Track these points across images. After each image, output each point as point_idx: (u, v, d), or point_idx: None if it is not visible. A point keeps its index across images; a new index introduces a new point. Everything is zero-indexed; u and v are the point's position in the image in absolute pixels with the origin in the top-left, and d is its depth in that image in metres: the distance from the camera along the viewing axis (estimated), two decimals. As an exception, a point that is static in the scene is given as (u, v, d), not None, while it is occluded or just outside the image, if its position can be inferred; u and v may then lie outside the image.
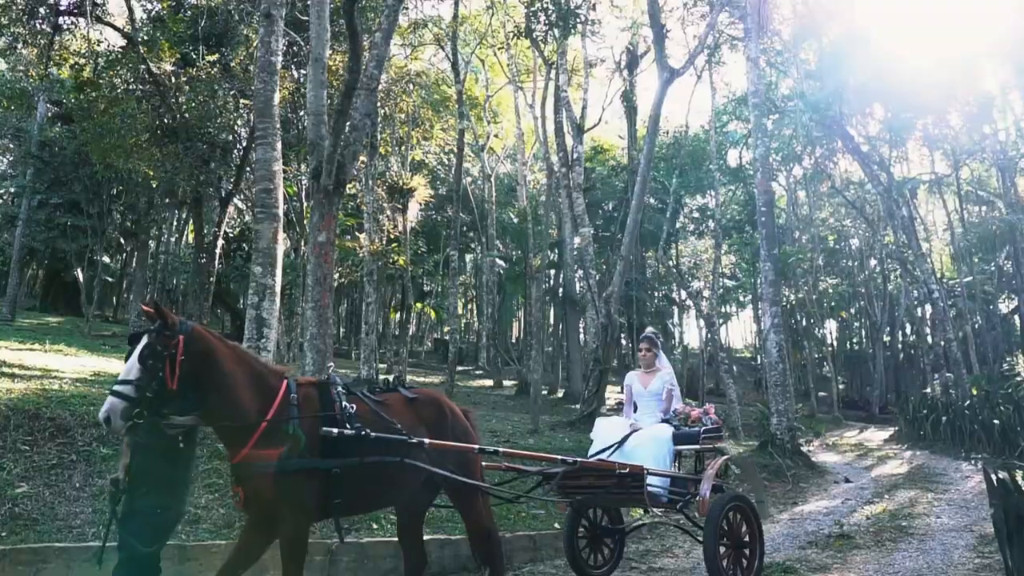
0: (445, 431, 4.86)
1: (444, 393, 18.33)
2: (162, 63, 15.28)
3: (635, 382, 6.87)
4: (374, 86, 10.94)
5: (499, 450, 5.28)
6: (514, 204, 37.19)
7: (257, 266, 13.27)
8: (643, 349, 6.99)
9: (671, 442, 6.17)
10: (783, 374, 15.63)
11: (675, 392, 6.70)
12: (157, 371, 3.83)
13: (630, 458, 5.95)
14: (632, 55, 30.54)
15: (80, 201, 26.11)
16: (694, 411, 6.51)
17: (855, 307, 47.18)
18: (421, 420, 4.78)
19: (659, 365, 6.85)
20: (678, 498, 6.01)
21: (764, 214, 16.39)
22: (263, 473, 4.00)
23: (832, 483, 13.86)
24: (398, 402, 4.82)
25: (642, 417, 6.63)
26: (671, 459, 6.15)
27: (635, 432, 6.27)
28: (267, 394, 4.16)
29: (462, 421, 5.19)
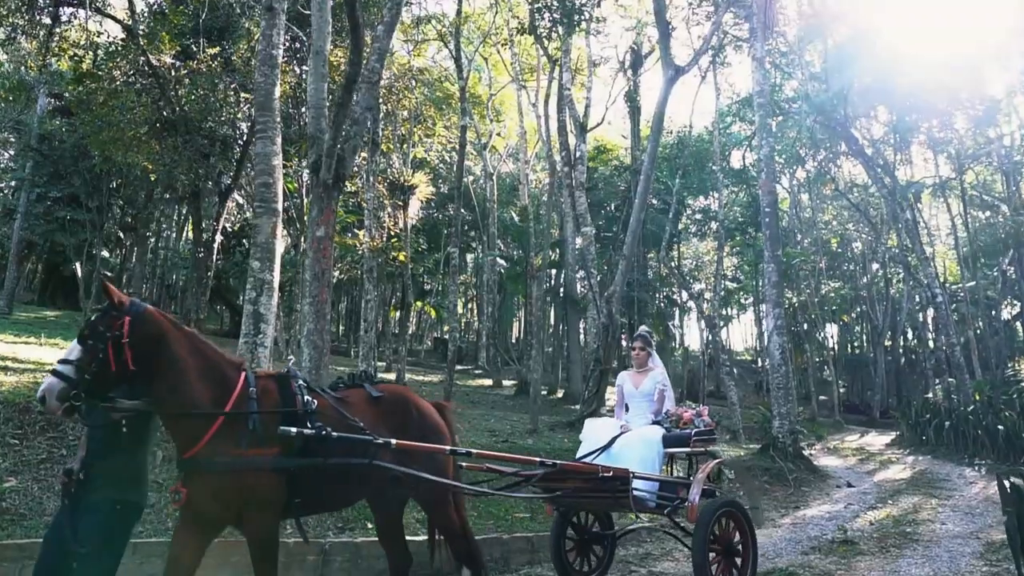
0: (410, 431, 4.57)
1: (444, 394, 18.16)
2: (162, 55, 15.14)
3: (627, 382, 6.70)
4: (375, 80, 10.81)
5: (471, 451, 4.97)
6: (516, 203, 37.03)
7: (255, 261, 13.11)
8: (636, 348, 6.81)
9: (661, 444, 5.95)
10: (786, 376, 15.48)
11: (668, 393, 6.53)
12: (98, 352, 3.61)
13: (617, 460, 5.74)
14: (636, 54, 30.40)
15: (79, 195, 25.96)
16: (686, 413, 6.28)
17: (857, 311, 47.00)
18: (384, 419, 4.50)
19: (652, 365, 6.67)
20: (666, 503, 5.74)
21: (768, 215, 16.23)
22: (220, 471, 3.77)
23: (834, 487, 13.72)
24: (361, 399, 4.54)
25: (633, 418, 6.44)
26: (660, 462, 5.95)
27: (624, 434, 6.06)
28: (223, 386, 3.92)
29: (432, 420, 4.90)
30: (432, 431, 4.78)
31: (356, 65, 10.01)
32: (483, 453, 5.29)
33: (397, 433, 4.39)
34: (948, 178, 32.00)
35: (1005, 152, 30.77)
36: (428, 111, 24.84)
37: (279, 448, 3.90)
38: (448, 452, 4.64)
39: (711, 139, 31.68)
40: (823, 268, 39.75)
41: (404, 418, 4.65)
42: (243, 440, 3.83)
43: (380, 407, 4.55)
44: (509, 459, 5.68)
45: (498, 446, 12.09)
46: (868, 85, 26.40)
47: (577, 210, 19.52)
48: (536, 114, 31.09)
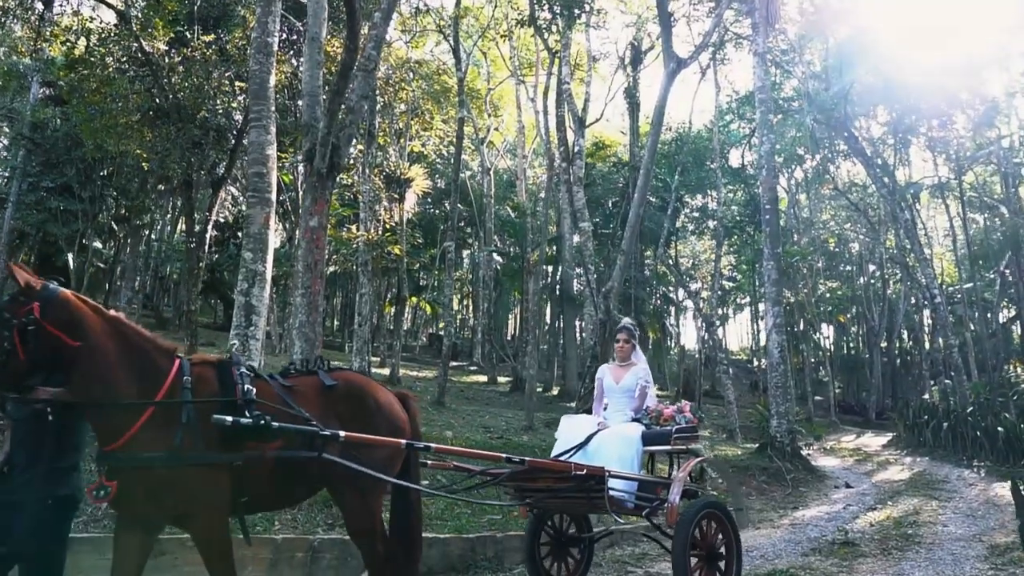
0: (366, 422, 4.16)
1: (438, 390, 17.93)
2: (156, 42, 14.88)
3: (607, 376, 6.33)
4: (371, 68, 10.59)
5: (430, 445, 4.48)
6: (513, 199, 36.83)
7: (248, 252, 12.89)
8: (620, 340, 6.38)
9: (640, 442, 5.60)
10: (784, 375, 15.33)
11: (649, 389, 6.16)
12: (2, 341, 3.32)
13: (594, 459, 5.40)
14: (636, 50, 30.20)
15: (72, 185, 25.65)
16: (667, 409, 5.89)
17: (853, 311, 46.92)
18: (336, 410, 4.12)
19: (635, 359, 6.30)
20: (645, 504, 5.41)
21: (768, 212, 16.08)
22: (150, 467, 3.46)
23: (832, 488, 13.58)
24: (311, 388, 4.16)
25: (612, 415, 6.07)
26: (640, 461, 5.60)
27: (601, 431, 5.72)
28: (152, 375, 3.59)
29: (390, 411, 4.44)
30: (390, 423, 4.36)
31: (352, 52, 9.79)
32: (444, 448, 4.84)
33: (350, 424, 4.03)
34: (947, 179, 31.86)
35: (1004, 154, 30.63)
36: (426, 104, 24.60)
37: (215, 441, 3.57)
38: (404, 446, 4.19)
39: (710, 137, 31.52)
40: (820, 268, 39.63)
41: (359, 408, 4.26)
42: (174, 433, 3.49)
43: (333, 396, 4.18)
44: (473, 455, 5.30)
45: (493, 443, 11.92)
46: (868, 85, 26.30)
47: (575, 206, 19.32)
48: (534, 109, 30.90)
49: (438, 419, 14.33)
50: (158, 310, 34.14)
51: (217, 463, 3.61)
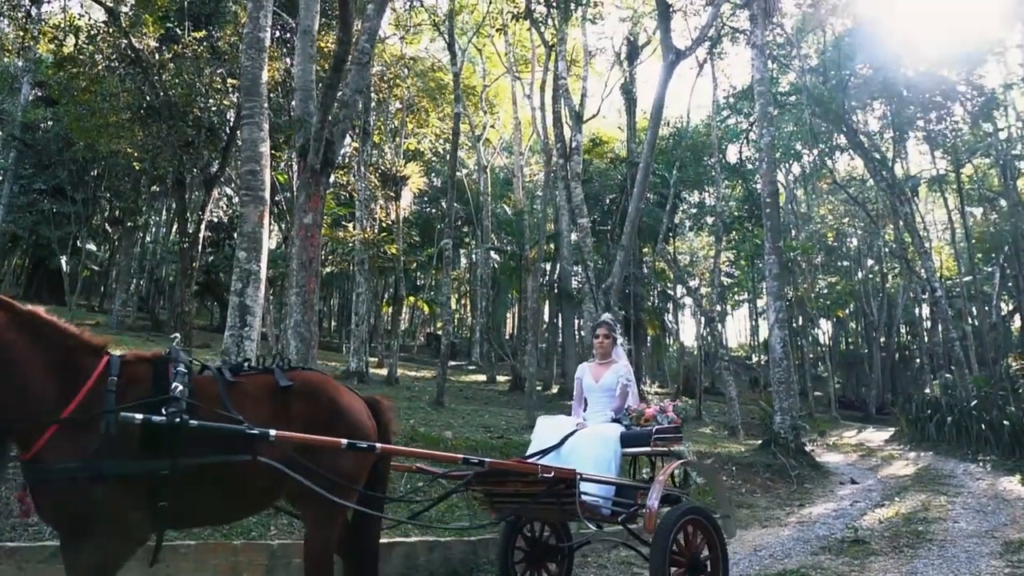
0: (323, 427, 3.71)
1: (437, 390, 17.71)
2: (146, 39, 14.65)
3: (586, 375, 5.98)
4: (365, 61, 10.39)
5: (376, 445, 3.90)
6: (510, 196, 36.64)
7: (242, 251, 12.66)
8: (599, 336, 6.00)
9: (618, 443, 5.25)
10: (787, 371, 15.15)
11: (631, 388, 5.80)
12: None
13: (568, 461, 5.05)
14: (632, 46, 30.02)
15: (65, 187, 25.45)
16: (648, 409, 5.53)
17: (851, 307, 46.81)
18: (290, 413, 3.70)
19: (615, 356, 5.96)
20: (622, 510, 5.02)
21: (769, 205, 15.88)
22: (54, 479, 3.08)
23: (838, 484, 13.39)
24: (263, 388, 3.75)
25: (592, 416, 5.75)
26: (618, 463, 5.23)
27: (577, 432, 5.38)
28: (72, 375, 3.22)
29: (356, 417, 3.97)
30: (353, 429, 3.86)
31: (345, 44, 9.59)
32: (392, 448, 4.19)
33: (307, 429, 3.62)
34: (946, 171, 31.71)
35: (1002, 147, 30.52)
36: (421, 101, 24.40)
37: (136, 448, 3.17)
38: (344, 445, 3.64)
39: (708, 132, 31.37)
40: (819, 263, 39.50)
41: (317, 411, 3.80)
42: (89, 441, 3.08)
43: (288, 397, 3.74)
44: (426, 455, 4.79)
45: (493, 442, 11.72)
46: (866, 78, 26.17)
47: (573, 202, 19.12)
48: (531, 105, 30.74)
49: (437, 419, 14.12)
50: (154, 313, 33.85)
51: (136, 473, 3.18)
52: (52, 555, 5.34)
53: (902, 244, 28.66)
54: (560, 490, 4.65)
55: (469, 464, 4.42)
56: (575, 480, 4.65)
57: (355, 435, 3.81)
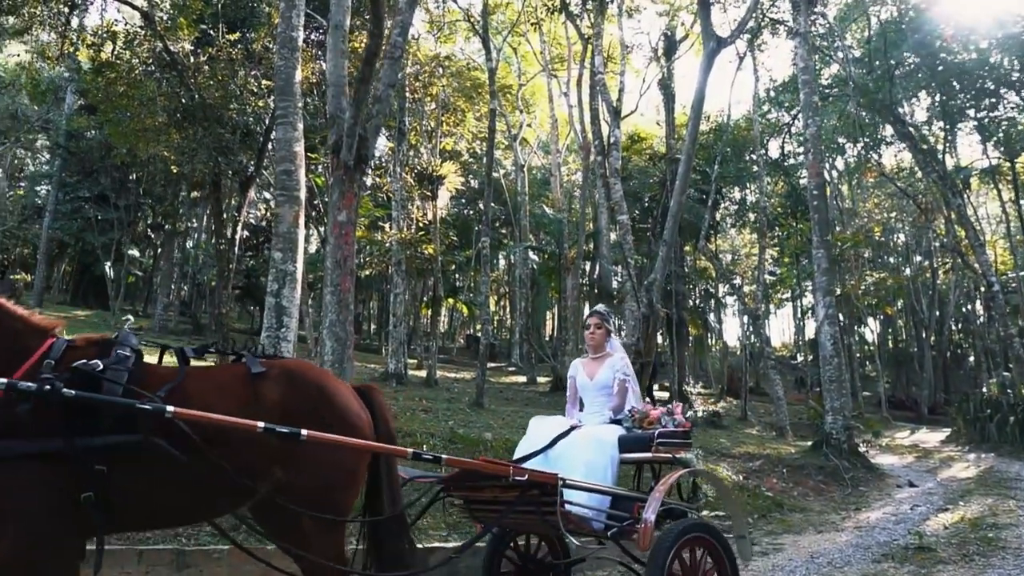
0: (309, 420, 3.20)
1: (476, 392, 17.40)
2: (180, 42, 14.70)
3: (579, 372, 5.39)
4: (398, 55, 10.16)
5: (301, 431, 3.10)
6: (548, 196, 36.32)
7: (277, 251, 12.56)
8: (591, 327, 5.42)
9: (615, 448, 4.64)
10: (838, 369, 14.56)
11: (631, 384, 5.18)
12: None
13: (555, 465, 4.43)
14: (670, 40, 29.45)
15: (108, 194, 25.84)
16: (653, 410, 4.91)
17: (899, 304, 45.52)
18: (261, 401, 3.24)
19: (610, 349, 5.37)
20: (615, 523, 4.34)
21: (816, 198, 15.33)
22: None
23: (895, 487, 12.81)
24: (228, 375, 3.38)
25: (588, 417, 5.17)
26: (614, 471, 4.58)
27: (570, 433, 4.75)
28: (16, 358, 2.98)
29: (344, 405, 3.47)
30: (342, 419, 3.39)
31: (377, 38, 9.36)
32: (319, 435, 3.17)
33: (286, 419, 3.15)
34: (999, 161, 30.54)
35: (1060, 135, 29.30)
36: (457, 101, 24.21)
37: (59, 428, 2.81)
38: (262, 428, 3.02)
39: (749, 127, 30.70)
40: (867, 258, 38.45)
41: (296, 400, 3.32)
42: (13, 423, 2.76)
43: (259, 386, 3.29)
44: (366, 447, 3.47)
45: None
46: (914, 65, 25.32)
47: (612, 199, 18.73)
48: (568, 104, 30.39)
49: (477, 420, 13.84)
50: (195, 316, 34.24)
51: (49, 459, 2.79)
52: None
53: (955, 238, 27.66)
54: (538, 497, 4.04)
55: (420, 458, 3.72)
56: (556, 486, 3.99)
57: (347, 427, 3.36)
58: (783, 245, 36.56)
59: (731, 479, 11.52)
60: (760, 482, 11.98)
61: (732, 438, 17.48)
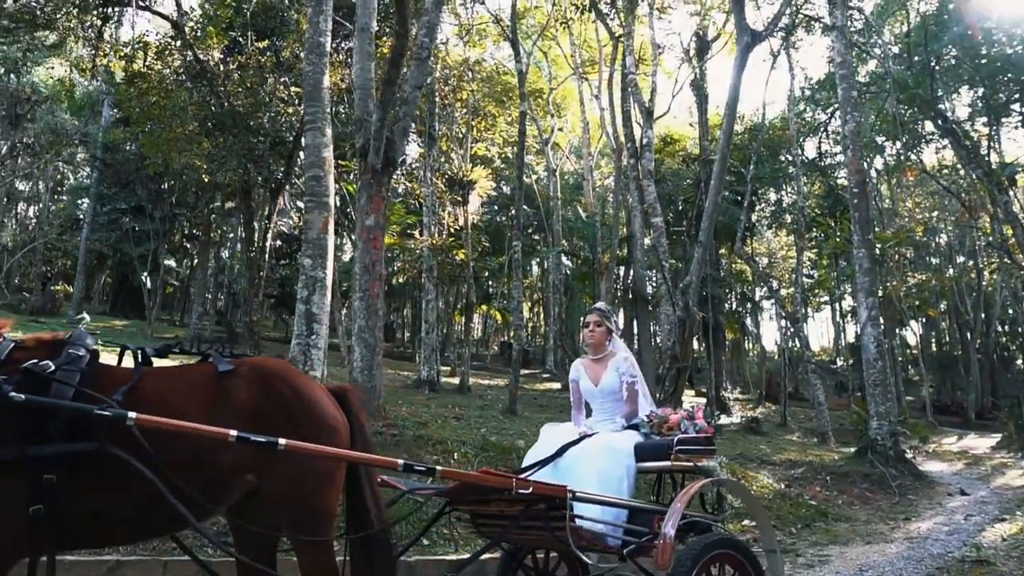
0: (279, 423, 2.94)
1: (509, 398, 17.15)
2: (210, 51, 14.76)
3: (582, 376, 4.95)
4: (424, 56, 10.02)
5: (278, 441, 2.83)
6: (581, 200, 36.07)
7: (307, 258, 12.47)
8: (590, 324, 4.98)
9: (631, 456, 4.27)
10: (883, 372, 14.07)
11: (640, 387, 4.79)
12: None
13: (564, 477, 4.07)
14: (702, 40, 29.04)
15: (144, 204, 26.18)
16: (673, 415, 4.53)
17: (943, 306, 44.32)
18: (229, 403, 2.97)
19: (612, 348, 4.95)
20: (632, 539, 3.98)
21: (856, 196, 14.86)
22: None
23: (945, 495, 12.29)
24: (191, 374, 3.13)
25: (598, 425, 4.80)
26: (631, 481, 4.20)
27: (582, 440, 4.39)
28: None
29: (319, 407, 3.17)
30: (316, 422, 3.11)
31: (403, 38, 9.23)
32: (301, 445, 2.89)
33: (253, 423, 2.88)
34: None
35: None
36: (487, 106, 24.08)
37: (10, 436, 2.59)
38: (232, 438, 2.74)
39: (784, 126, 30.17)
40: (909, 259, 37.51)
41: (268, 401, 3.04)
42: None
43: (226, 385, 3.02)
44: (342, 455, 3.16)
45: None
46: (955, 59, 24.63)
47: (646, 201, 18.41)
48: (599, 107, 30.11)
49: (510, 427, 13.61)
50: (231, 325, 34.53)
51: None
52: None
53: (1001, 236, 26.81)
54: (545, 511, 3.72)
55: (412, 470, 3.39)
56: (565, 499, 3.63)
57: (322, 430, 3.08)
58: (821, 247, 35.84)
59: (772, 487, 11.16)
60: (803, 490, 11.58)
61: (772, 444, 17.04)
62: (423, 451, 8.31)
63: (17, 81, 27.05)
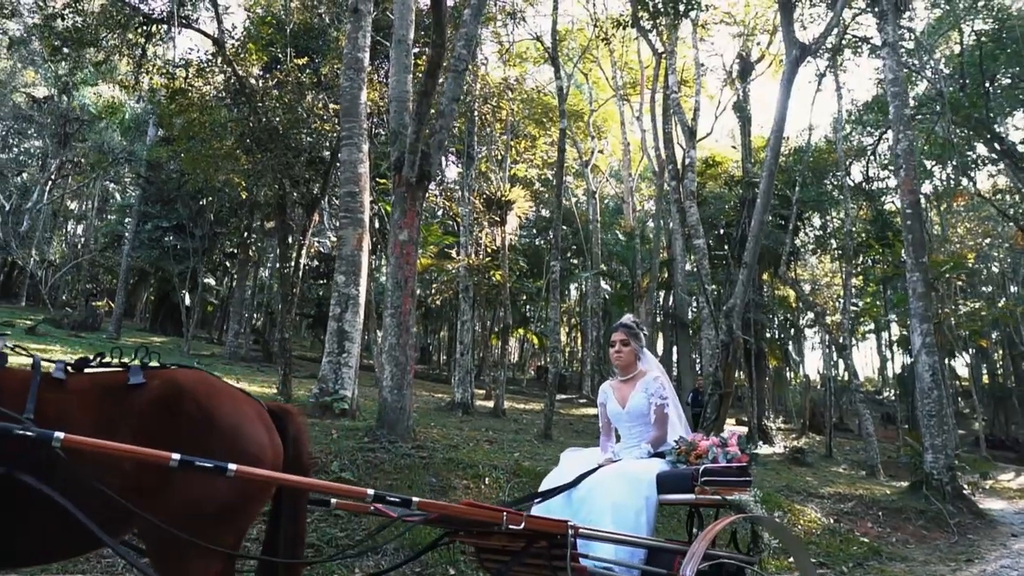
0: (189, 442, 2.57)
1: (544, 423, 16.68)
2: (250, 67, 14.81)
3: (610, 398, 4.49)
4: (462, 68, 9.77)
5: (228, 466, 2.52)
6: (621, 222, 35.67)
7: (340, 275, 12.32)
8: (615, 343, 4.48)
9: (653, 487, 3.77)
10: (938, 402, 13.34)
11: (669, 408, 4.30)
12: None
13: (577, 509, 3.71)
14: (744, 62, 28.64)
15: (185, 223, 26.47)
16: (703, 440, 4.00)
17: (995, 335, 42.76)
18: (135, 419, 2.64)
19: (642, 367, 4.45)
20: None
21: (909, 216, 14.24)
22: None
23: (1009, 536, 11.53)
24: (99, 386, 2.73)
25: (625, 452, 4.29)
26: (651, 516, 3.71)
27: (600, 469, 3.94)
28: None
29: (236, 429, 2.76)
30: (231, 445, 2.69)
31: (439, 48, 8.97)
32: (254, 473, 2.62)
33: (158, 443, 2.51)
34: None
35: None
36: (527, 127, 23.92)
37: None
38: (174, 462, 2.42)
39: (829, 148, 29.53)
40: (960, 286, 36.31)
41: (174, 418, 2.68)
42: None
43: (131, 400, 2.68)
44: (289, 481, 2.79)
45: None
46: (1013, 78, 23.85)
47: (688, 222, 17.98)
48: (640, 128, 29.81)
49: (544, 452, 13.16)
50: (267, 344, 34.68)
51: None
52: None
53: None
54: (548, 548, 3.29)
55: (384, 501, 3.00)
56: (567, 535, 3.20)
57: (236, 455, 2.63)
58: (868, 273, 34.88)
59: (820, 521, 10.55)
60: (853, 526, 10.94)
61: (819, 476, 16.31)
62: (453, 475, 7.94)
63: (67, 101, 27.72)
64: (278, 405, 3.18)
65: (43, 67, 25.92)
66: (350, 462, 7.54)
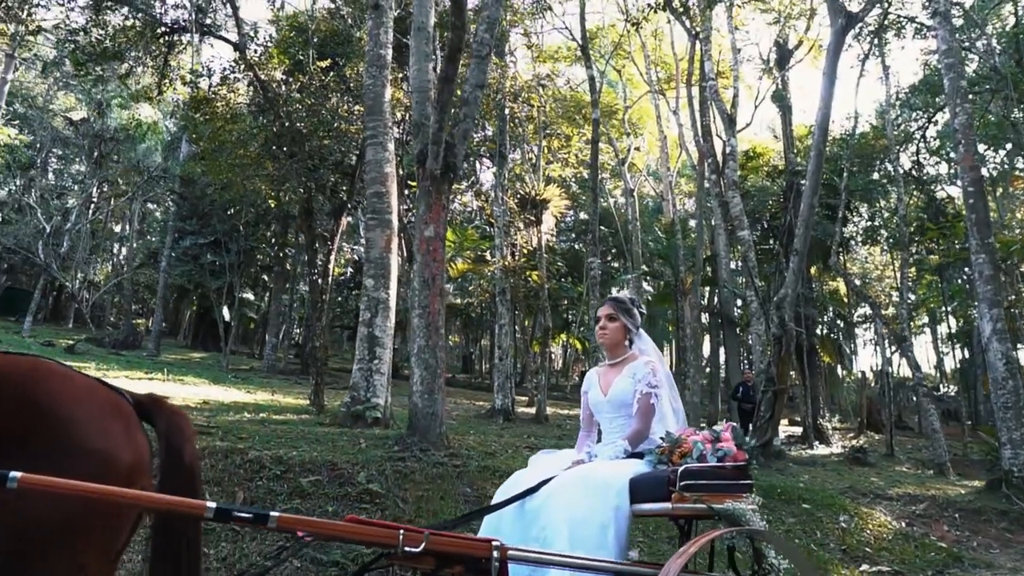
0: (26, 442, 2.03)
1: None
2: (273, 71, 14.57)
3: (593, 385, 3.83)
4: (484, 53, 9.21)
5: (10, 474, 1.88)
6: (660, 219, 34.90)
7: (369, 279, 11.84)
8: (600, 318, 3.83)
9: (625, 495, 3.03)
10: (1014, 393, 12.34)
11: (657, 399, 3.59)
12: None
13: (532, 525, 3.03)
14: (782, 49, 27.65)
15: (222, 239, 26.50)
16: (691, 435, 3.23)
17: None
18: None
19: (635, 350, 3.78)
20: None
21: (972, 195, 13.27)
22: None
23: (1103, 537, 10.53)
24: None
25: (605, 449, 3.54)
26: (620, 530, 2.95)
27: (567, 472, 3.23)
28: None
29: (82, 423, 2.15)
30: (65, 452, 2.09)
31: (459, 30, 8.43)
32: (44, 481, 1.90)
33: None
34: None
35: None
36: (560, 125, 23.39)
37: None
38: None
39: (877, 135, 28.42)
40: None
41: (10, 410, 2.08)
42: None
43: None
44: (126, 496, 2.09)
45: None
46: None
47: (732, 213, 17.18)
48: (677, 122, 29.08)
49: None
50: (305, 356, 34.63)
51: None
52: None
53: None
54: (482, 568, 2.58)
55: (230, 518, 2.26)
56: (490, 557, 2.53)
57: (77, 449, 2.11)
58: (922, 264, 33.53)
59: (891, 525, 9.71)
60: (928, 529, 10.06)
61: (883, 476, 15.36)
62: (487, 483, 7.36)
63: (102, 122, 27.98)
64: (148, 395, 2.58)
65: (76, 88, 26.28)
66: (378, 472, 7.04)
